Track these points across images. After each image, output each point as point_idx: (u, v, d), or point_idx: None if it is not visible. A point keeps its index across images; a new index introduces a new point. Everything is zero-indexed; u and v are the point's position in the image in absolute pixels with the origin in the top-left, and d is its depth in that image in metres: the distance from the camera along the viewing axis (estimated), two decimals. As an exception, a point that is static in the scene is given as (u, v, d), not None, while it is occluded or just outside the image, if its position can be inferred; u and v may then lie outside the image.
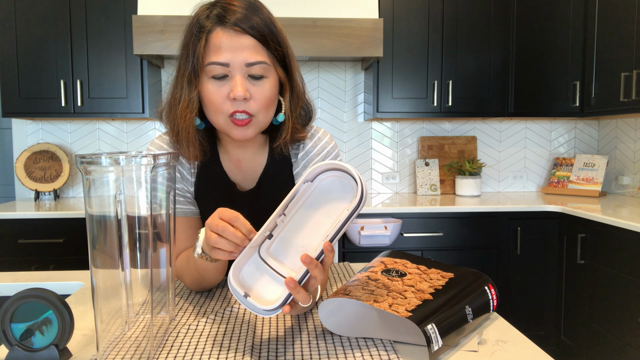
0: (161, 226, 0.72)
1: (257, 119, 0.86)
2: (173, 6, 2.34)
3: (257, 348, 0.71)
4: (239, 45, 0.82)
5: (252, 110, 0.85)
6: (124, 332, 0.74)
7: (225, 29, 0.83)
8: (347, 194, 0.71)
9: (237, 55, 0.82)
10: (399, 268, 0.87)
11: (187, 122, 0.87)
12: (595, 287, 2.20)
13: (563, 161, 3.00)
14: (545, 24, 2.68)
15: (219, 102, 0.84)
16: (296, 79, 0.92)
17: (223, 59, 0.82)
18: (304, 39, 2.33)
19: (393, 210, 2.41)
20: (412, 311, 0.69)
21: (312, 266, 0.65)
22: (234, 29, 0.82)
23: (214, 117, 0.87)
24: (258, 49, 0.84)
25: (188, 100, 0.86)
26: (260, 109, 0.86)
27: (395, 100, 2.64)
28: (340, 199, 0.71)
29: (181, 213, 0.96)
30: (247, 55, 0.83)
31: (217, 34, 0.83)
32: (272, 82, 0.87)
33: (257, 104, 0.85)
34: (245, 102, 0.84)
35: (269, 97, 0.86)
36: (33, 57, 2.46)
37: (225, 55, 0.82)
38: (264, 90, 0.85)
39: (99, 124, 2.85)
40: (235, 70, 0.83)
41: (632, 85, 2.29)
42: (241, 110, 0.84)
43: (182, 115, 0.87)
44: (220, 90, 0.84)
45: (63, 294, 1.06)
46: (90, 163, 0.60)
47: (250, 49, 0.83)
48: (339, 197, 0.71)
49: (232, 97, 0.83)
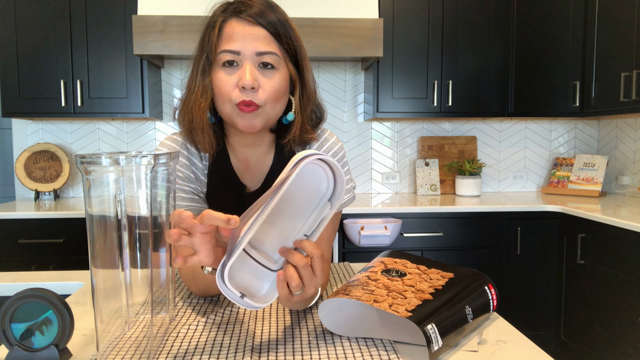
0: (161, 226, 0.72)
1: (264, 109, 0.86)
2: (173, 6, 2.34)
3: (257, 348, 0.71)
4: (251, 34, 0.84)
5: (259, 100, 0.85)
6: (124, 332, 0.74)
7: (240, 20, 0.85)
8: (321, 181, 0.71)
9: (248, 44, 0.83)
10: (399, 268, 0.87)
11: (201, 110, 0.88)
12: (595, 287, 2.20)
13: (563, 161, 3.00)
14: (545, 24, 2.68)
15: (227, 89, 0.85)
16: (307, 78, 0.93)
17: (234, 47, 0.83)
18: (304, 39, 2.30)
19: (393, 210, 2.41)
20: (412, 311, 0.69)
21: (289, 255, 0.67)
22: (247, 19, 0.84)
23: (221, 105, 0.87)
24: (269, 41, 0.85)
25: (202, 88, 0.87)
26: (268, 99, 0.86)
27: (395, 100, 2.64)
28: (315, 187, 0.71)
29: (196, 211, 0.96)
30: (258, 44, 0.84)
31: (231, 24, 0.85)
32: (282, 75, 0.87)
33: (265, 94, 0.85)
34: (253, 91, 0.84)
35: (277, 89, 0.86)
36: (33, 57, 2.46)
37: (237, 43, 0.83)
38: (272, 82, 0.86)
39: (99, 124, 2.85)
40: (245, 58, 0.84)
41: (632, 85, 2.29)
42: (248, 100, 0.84)
43: (197, 103, 0.88)
44: (230, 78, 0.85)
45: (63, 294, 1.06)
46: (90, 163, 0.60)
47: (261, 39, 0.84)
48: (315, 186, 0.71)
49: (240, 85, 0.83)
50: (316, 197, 0.72)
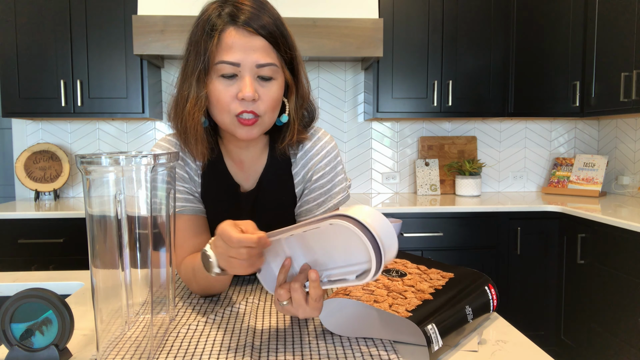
0: (161, 226, 0.72)
1: (262, 120, 0.87)
2: (173, 6, 2.34)
3: (257, 348, 0.71)
4: (251, 46, 0.83)
5: (259, 111, 0.85)
6: (124, 332, 0.74)
7: (238, 29, 0.83)
8: (356, 250, 0.65)
9: (248, 56, 0.83)
10: (399, 268, 0.87)
11: (195, 120, 0.87)
12: (595, 287, 2.20)
13: (563, 161, 3.00)
14: (545, 24, 2.68)
15: (226, 101, 0.84)
16: (302, 81, 0.93)
17: (234, 59, 0.82)
18: (304, 39, 2.33)
19: (393, 210, 2.40)
20: (412, 311, 0.69)
21: (315, 284, 0.69)
22: (247, 29, 0.83)
23: (219, 116, 0.87)
24: (269, 51, 0.84)
25: (197, 98, 0.85)
26: (267, 110, 0.86)
27: (395, 100, 2.64)
28: (348, 250, 0.66)
29: (190, 211, 0.96)
30: (258, 56, 0.83)
31: (230, 33, 0.83)
32: (280, 84, 0.87)
33: (264, 105, 0.85)
34: (253, 102, 0.84)
35: (275, 99, 0.86)
36: (33, 57, 2.46)
37: (236, 55, 0.82)
38: (271, 92, 0.85)
39: (99, 124, 2.85)
40: (245, 70, 0.83)
41: (632, 85, 2.29)
42: (249, 110, 0.84)
43: (191, 113, 0.86)
44: (229, 89, 0.84)
45: (63, 294, 1.06)
46: (90, 163, 0.60)
47: (261, 51, 0.83)
48: (348, 248, 0.66)
49: (240, 97, 0.83)
50: (348, 259, 0.67)
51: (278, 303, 0.72)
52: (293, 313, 0.72)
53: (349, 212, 0.62)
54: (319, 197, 0.97)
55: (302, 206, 0.99)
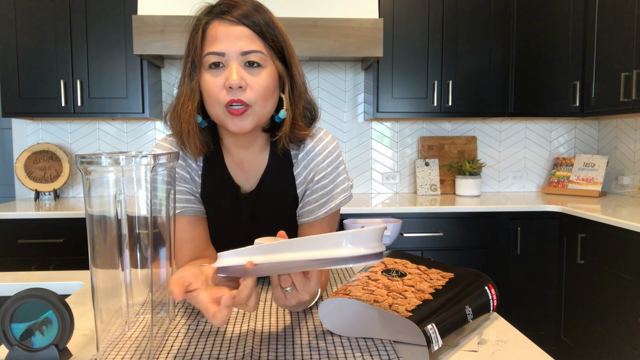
0: (161, 226, 0.72)
1: (253, 109, 0.86)
2: (173, 6, 2.34)
3: (257, 348, 0.71)
4: (235, 34, 0.84)
5: (248, 99, 0.84)
6: (124, 332, 0.74)
7: (222, 21, 0.85)
8: None
9: (232, 44, 0.83)
10: (399, 268, 0.87)
11: (188, 113, 0.88)
12: (595, 287, 2.20)
13: (563, 161, 3.00)
14: (545, 24, 2.68)
15: (215, 91, 0.84)
16: (296, 73, 0.92)
17: (218, 48, 0.83)
18: (304, 39, 2.33)
19: (393, 210, 2.40)
20: (412, 311, 0.69)
21: None
22: (229, 19, 0.84)
23: (211, 108, 0.87)
24: (254, 39, 0.85)
25: (189, 92, 0.87)
26: (257, 98, 0.85)
27: (395, 100, 2.64)
28: None
29: (191, 212, 0.96)
30: (243, 44, 0.84)
31: (214, 26, 0.85)
32: (270, 72, 0.87)
33: (254, 92, 0.85)
34: (241, 90, 0.84)
35: (265, 87, 0.86)
36: (33, 57, 2.46)
37: (221, 44, 0.84)
38: (260, 80, 0.85)
39: (99, 124, 2.85)
40: (230, 59, 0.84)
41: (632, 85, 2.29)
42: (237, 99, 0.84)
43: (184, 107, 0.88)
44: (217, 80, 0.84)
45: (63, 294, 1.06)
46: (90, 163, 0.60)
47: (245, 38, 0.84)
48: None
49: (227, 85, 0.83)
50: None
51: (280, 295, 0.70)
52: (298, 298, 0.69)
53: None
54: (320, 197, 0.96)
55: (303, 207, 0.98)
